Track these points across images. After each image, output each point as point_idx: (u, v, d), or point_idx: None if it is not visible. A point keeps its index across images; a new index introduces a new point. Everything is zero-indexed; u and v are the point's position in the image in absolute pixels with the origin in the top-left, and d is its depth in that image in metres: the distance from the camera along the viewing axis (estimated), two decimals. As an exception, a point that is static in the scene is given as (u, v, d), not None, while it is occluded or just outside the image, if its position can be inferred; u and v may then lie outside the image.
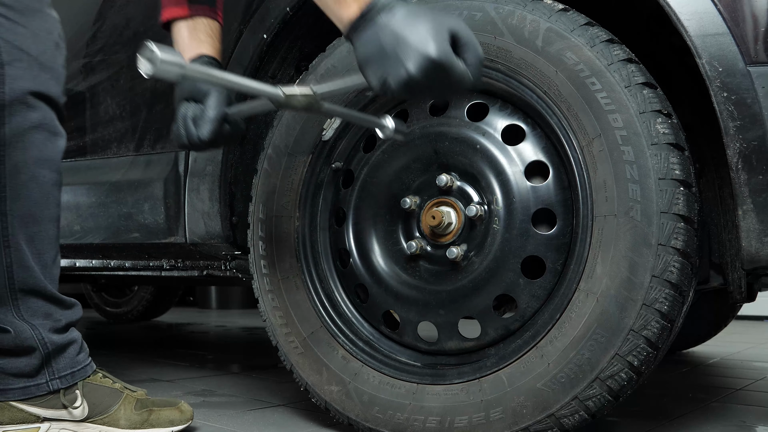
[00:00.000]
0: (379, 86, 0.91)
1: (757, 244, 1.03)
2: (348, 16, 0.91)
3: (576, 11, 1.13)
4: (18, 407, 1.22)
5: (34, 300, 1.23)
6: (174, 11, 1.19)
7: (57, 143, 1.25)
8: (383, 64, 0.89)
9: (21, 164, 1.20)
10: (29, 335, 1.21)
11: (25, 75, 1.19)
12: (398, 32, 0.88)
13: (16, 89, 1.18)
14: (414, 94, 0.93)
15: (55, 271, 1.27)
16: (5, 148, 1.18)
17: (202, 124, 1.11)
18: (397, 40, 0.88)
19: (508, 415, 1.10)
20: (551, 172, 1.15)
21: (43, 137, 1.22)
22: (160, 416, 1.28)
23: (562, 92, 1.10)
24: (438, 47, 0.87)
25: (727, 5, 1.03)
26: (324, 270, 1.36)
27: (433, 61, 0.87)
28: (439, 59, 0.87)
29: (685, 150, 1.05)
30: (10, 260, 1.20)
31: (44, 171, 1.23)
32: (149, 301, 3.97)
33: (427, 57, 0.87)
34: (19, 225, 1.21)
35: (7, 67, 1.18)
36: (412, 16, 0.89)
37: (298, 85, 1.01)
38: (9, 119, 1.18)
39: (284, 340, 1.34)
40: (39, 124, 1.21)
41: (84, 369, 1.28)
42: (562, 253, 1.13)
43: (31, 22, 1.21)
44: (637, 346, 1.02)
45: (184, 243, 1.59)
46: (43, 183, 1.23)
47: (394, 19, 0.89)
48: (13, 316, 1.21)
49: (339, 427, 1.34)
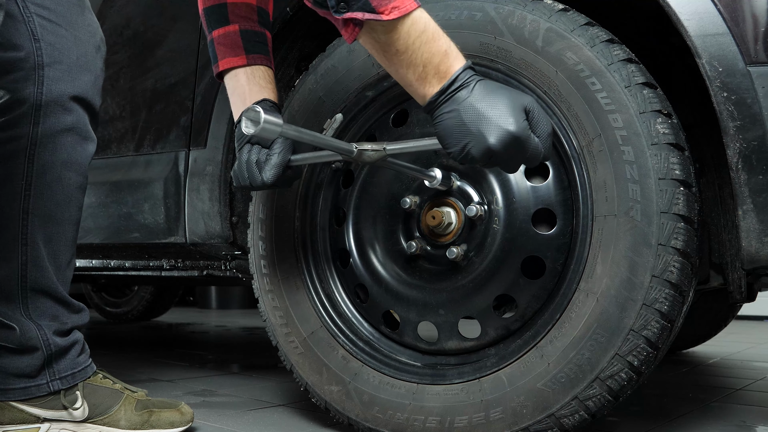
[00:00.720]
0: (460, 155, 0.98)
1: (757, 244, 1.03)
2: (430, 93, 0.98)
3: (576, 11, 1.13)
4: (18, 407, 1.22)
5: (44, 300, 1.23)
6: (233, 61, 1.23)
7: (86, 148, 1.27)
8: (465, 136, 0.96)
9: (48, 165, 1.21)
10: (34, 335, 1.22)
11: (63, 77, 1.21)
12: (479, 108, 0.95)
13: (54, 91, 1.20)
14: (493, 164, 1.00)
15: (69, 274, 1.28)
16: (35, 148, 1.20)
17: (268, 169, 1.14)
18: (478, 115, 0.95)
19: (508, 415, 1.10)
20: (551, 172, 1.15)
21: (73, 140, 1.24)
22: (161, 417, 1.28)
23: (562, 92, 1.10)
24: (517, 123, 0.95)
25: (727, 5, 1.03)
26: (324, 270, 1.36)
27: (513, 135, 0.95)
28: (518, 134, 0.95)
29: (685, 150, 1.05)
30: (26, 258, 1.21)
31: (70, 173, 1.25)
32: (149, 301, 3.97)
33: (508, 132, 0.95)
34: (39, 224, 1.22)
35: (46, 69, 1.20)
36: (489, 92, 0.97)
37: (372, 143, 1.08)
38: (43, 120, 1.20)
39: (284, 340, 1.34)
40: (71, 127, 1.23)
41: (85, 370, 1.28)
42: (562, 253, 1.13)
43: (72, 25, 1.24)
44: (637, 346, 1.02)
45: (184, 243, 1.59)
46: (68, 185, 1.25)
47: (472, 96, 0.96)
48: (21, 314, 1.22)
49: (339, 427, 1.34)
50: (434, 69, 0.97)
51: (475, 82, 0.97)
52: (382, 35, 0.95)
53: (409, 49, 0.96)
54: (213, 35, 1.25)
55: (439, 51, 0.97)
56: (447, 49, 0.98)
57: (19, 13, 1.19)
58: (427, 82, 0.97)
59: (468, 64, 0.99)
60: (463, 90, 0.97)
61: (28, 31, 1.19)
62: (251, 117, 0.94)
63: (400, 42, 0.95)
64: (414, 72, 0.97)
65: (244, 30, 1.24)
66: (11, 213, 1.20)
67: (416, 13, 0.95)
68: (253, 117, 0.94)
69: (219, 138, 1.54)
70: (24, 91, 1.18)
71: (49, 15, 1.21)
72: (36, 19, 1.20)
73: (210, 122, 1.56)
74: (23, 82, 1.18)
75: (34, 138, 1.19)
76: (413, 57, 0.96)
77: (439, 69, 0.97)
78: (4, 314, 1.22)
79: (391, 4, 0.92)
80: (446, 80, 0.97)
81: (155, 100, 1.67)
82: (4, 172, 1.20)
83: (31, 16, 1.19)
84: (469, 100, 0.96)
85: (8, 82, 1.18)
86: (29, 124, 1.19)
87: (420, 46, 0.96)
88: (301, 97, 1.35)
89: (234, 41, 1.23)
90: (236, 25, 1.24)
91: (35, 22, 1.19)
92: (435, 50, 0.96)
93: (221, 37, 1.24)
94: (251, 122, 0.94)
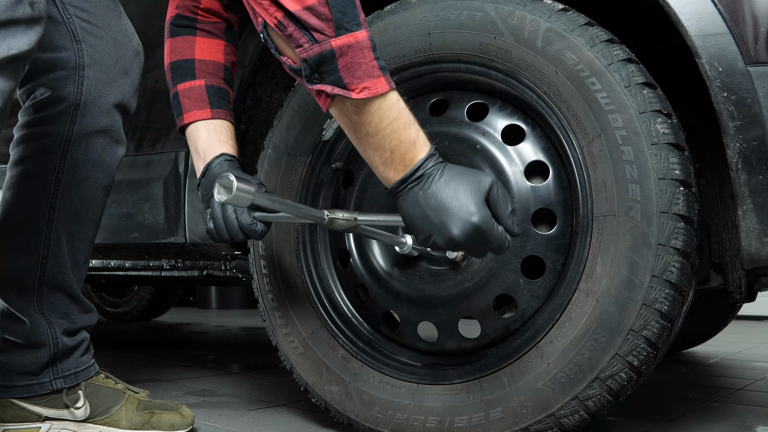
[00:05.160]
0: (426, 243, 0.99)
1: (757, 244, 1.03)
2: (393, 179, 0.98)
3: (576, 11, 1.13)
4: (20, 405, 1.23)
5: (58, 296, 1.25)
6: (198, 114, 1.27)
7: (117, 150, 1.30)
8: (428, 226, 0.97)
9: (79, 163, 1.24)
10: (44, 332, 1.23)
11: (102, 79, 1.24)
12: (441, 199, 0.96)
13: (93, 92, 1.23)
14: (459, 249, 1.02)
15: (84, 272, 1.31)
16: (69, 145, 1.23)
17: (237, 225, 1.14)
18: (440, 206, 0.96)
19: (508, 415, 1.09)
20: (551, 172, 1.15)
21: (105, 142, 1.27)
22: (162, 419, 1.28)
23: (562, 92, 1.09)
24: (479, 214, 0.96)
25: (727, 5, 1.03)
26: (324, 270, 1.36)
27: (475, 227, 0.95)
28: (481, 225, 0.96)
29: (685, 150, 1.05)
30: (47, 252, 1.23)
31: (99, 174, 1.27)
32: (149, 301, 3.97)
33: (471, 223, 0.95)
34: (64, 220, 1.24)
35: (87, 70, 1.22)
36: (452, 179, 0.97)
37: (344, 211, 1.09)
38: (80, 119, 1.22)
39: (284, 340, 1.34)
40: (105, 129, 1.26)
41: (88, 369, 1.28)
42: (562, 253, 1.13)
43: (110, 28, 1.27)
44: (637, 346, 1.02)
45: (184, 243, 1.59)
46: (95, 185, 1.27)
47: (435, 186, 0.96)
48: (34, 308, 1.23)
49: (339, 427, 1.34)
50: (401, 156, 0.97)
51: (438, 170, 0.97)
52: (353, 114, 0.95)
53: (380, 134, 0.96)
54: (178, 88, 1.29)
55: (408, 139, 0.96)
56: (416, 139, 0.97)
57: (59, 15, 1.21)
58: (392, 168, 0.98)
59: (431, 152, 0.98)
60: (425, 179, 0.97)
61: (69, 32, 1.22)
62: (224, 184, 0.94)
63: (372, 125, 0.95)
64: (381, 156, 0.97)
65: (210, 86, 1.28)
66: (39, 206, 1.23)
67: (390, 98, 0.95)
68: (226, 184, 0.94)
69: (219, 138, 1.53)
70: (64, 89, 1.21)
71: (88, 17, 1.24)
72: (76, 21, 1.22)
73: (210, 122, 1.55)
74: (64, 81, 1.21)
75: (69, 136, 1.22)
76: (382, 142, 0.96)
77: (405, 157, 0.97)
78: (16, 306, 1.23)
79: (362, 83, 0.92)
80: (410, 169, 0.97)
81: (155, 100, 1.67)
82: (36, 166, 1.22)
83: (71, 17, 1.22)
84: (431, 190, 0.96)
85: (50, 80, 1.21)
86: (66, 122, 1.22)
87: (390, 133, 0.96)
88: (300, 98, 1.35)
89: (199, 95, 1.27)
90: (202, 81, 1.28)
91: (75, 23, 1.22)
92: (404, 138, 0.96)
93: (186, 90, 1.28)
94: (224, 189, 0.94)
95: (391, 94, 0.95)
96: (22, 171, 1.23)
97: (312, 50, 0.90)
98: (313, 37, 0.90)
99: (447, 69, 1.22)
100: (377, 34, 1.24)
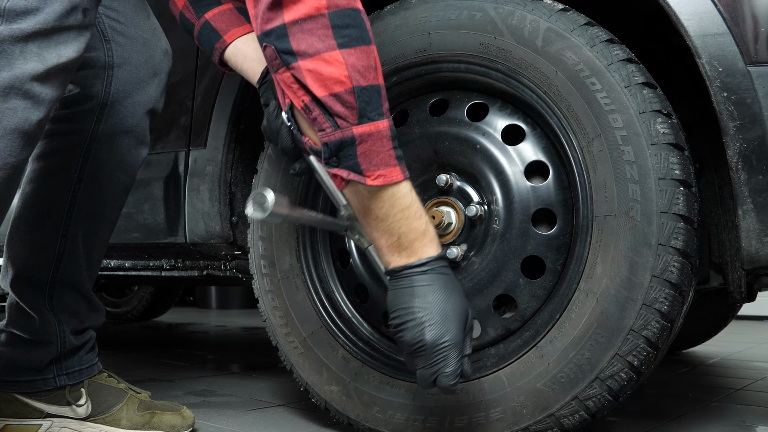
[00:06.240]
0: (395, 329, 0.99)
1: (757, 244, 1.03)
2: (396, 263, 0.99)
3: (576, 11, 1.13)
4: (23, 401, 1.23)
5: (70, 294, 1.25)
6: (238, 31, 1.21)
7: (140, 152, 1.29)
8: (407, 318, 0.97)
9: (102, 162, 1.23)
10: (53, 330, 1.23)
11: (131, 79, 1.23)
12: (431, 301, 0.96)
13: (121, 92, 1.22)
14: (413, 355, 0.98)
15: (96, 270, 1.31)
16: (93, 144, 1.22)
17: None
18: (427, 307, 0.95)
19: (508, 415, 1.10)
20: (551, 172, 1.15)
21: (129, 143, 1.25)
22: (162, 420, 1.28)
23: (562, 92, 1.09)
24: (459, 335, 0.96)
25: (727, 5, 1.03)
26: (324, 270, 1.36)
27: (447, 344, 0.95)
28: (453, 344, 0.95)
29: (685, 150, 1.05)
30: (63, 249, 1.23)
31: (120, 174, 1.26)
32: (149, 301, 3.97)
33: (445, 339, 0.95)
34: (83, 218, 1.24)
35: (116, 69, 1.21)
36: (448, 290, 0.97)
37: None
38: (106, 119, 1.21)
39: (284, 340, 1.34)
40: (131, 129, 1.25)
41: (91, 368, 1.29)
42: (562, 253, 1.13)
43: (139, 28, 1.26)
44: (637, 346, 1.02)
45: (184, 243, 1.59)
46: (116, 185, 1.26)
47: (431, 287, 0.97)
48: (44, 305, 1.23)
49: (339, 427, 1.34)
50: (408, 243, 0.97)
51: (441, 275, 0.98)
52: (366, 199, 0.96)
53: (389, 219, 0.97)
54: (206, 16, 1.23)
55: (417, 229, 0.97)
56: (425, 230, 0.98)
57: None
58: (397, 253, 0.98)
59: (442, 254, 0.99)
60: (426, 275, 0.97)
61: (99, 32, 1.20)
62: (258, 201, 0.94)
63: (382, 210, 0.96)
64: (388, 240, 0.98)
65: (238, 7, 1.24)
66: (59, 203, 1.22)
67: (403, 187, 0.96)
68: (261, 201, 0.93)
69: (219, 138, 1.54)
70: (93, 88, 1.20)
71: (117, 17, 1.22)
72: (105, 20, 1.21)
73: (210, 122, 1.56)
74: (93, 79, 1.20)
75: (94, 134, 1.21)
76: (391, 226, 0.97)
77: (412, 245, 0.97)
78: (27, 302, 1.22)
79: (378, 171, 0.93)
80: (415, 259, 0.97)
81: (155, 100, 1.67)
82: (59, 162, 1.22)
83: (101, 17, 1.20)
84: (426, 288, 0.96)
85: (78, 78, 1.20)
86: (92, 120, 1.21)
87: (401, 219, 0.97)
88: (301, 97, 1.35)
89: (233, 15, 1.22)
90: (229, 4, 1.24)
91: (105, 23, 1.21)
92: (414, 227, 0.97)
93: (217, 15, 1.22)
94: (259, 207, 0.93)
95: (404, 183, 0.96)
96: (44, 166, 1.22)
97: (334, 135, 0.92)
98: (336, 123, 0.92)
99: (447, 69, 1.22)
100: (377, 34, 1.24)
